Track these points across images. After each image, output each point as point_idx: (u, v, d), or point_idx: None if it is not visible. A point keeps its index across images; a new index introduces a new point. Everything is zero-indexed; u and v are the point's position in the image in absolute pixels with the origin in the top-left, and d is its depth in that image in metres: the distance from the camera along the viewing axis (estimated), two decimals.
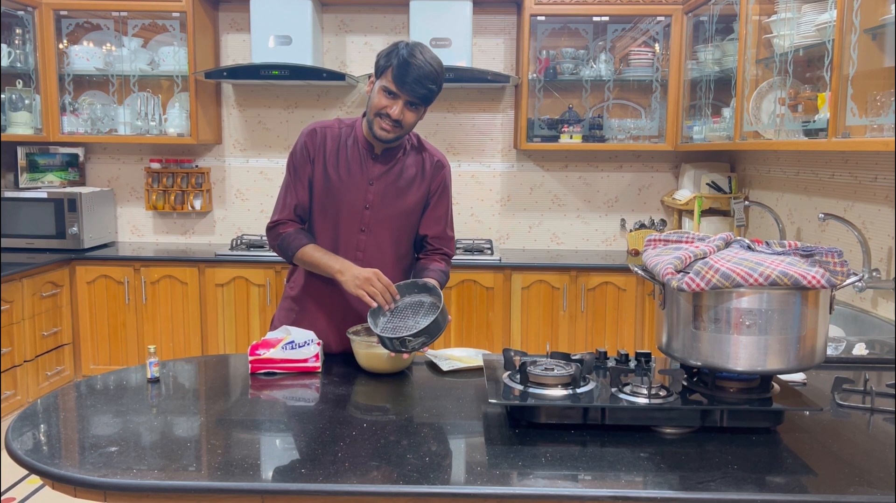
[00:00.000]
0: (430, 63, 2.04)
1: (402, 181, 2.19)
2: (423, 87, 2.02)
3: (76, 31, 4.47)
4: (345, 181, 2.16)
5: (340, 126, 2.20)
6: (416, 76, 2.01)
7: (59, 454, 1.51)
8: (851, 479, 1.38)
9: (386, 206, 2.18)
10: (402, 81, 2.01)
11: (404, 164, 2.20)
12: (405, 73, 2.00)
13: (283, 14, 4.12)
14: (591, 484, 1.36)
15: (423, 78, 2.01)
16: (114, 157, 4.68)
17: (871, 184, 2.83)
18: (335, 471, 1.40)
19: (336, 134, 2.18)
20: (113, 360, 4.19)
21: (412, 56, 2.01)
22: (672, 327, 1.64)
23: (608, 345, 4.05)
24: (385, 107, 2.05)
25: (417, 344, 1.88)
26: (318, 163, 2.16)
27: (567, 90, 4.42)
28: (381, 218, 2.18)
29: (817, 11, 2.67)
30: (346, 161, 2.16)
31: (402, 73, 2.01)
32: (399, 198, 2.19)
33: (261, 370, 2.00)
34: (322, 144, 2.17)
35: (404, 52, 2.02)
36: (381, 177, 2.17)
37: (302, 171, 2.18)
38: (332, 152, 2.17)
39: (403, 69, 2.00)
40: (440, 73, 2.06)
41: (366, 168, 2.17)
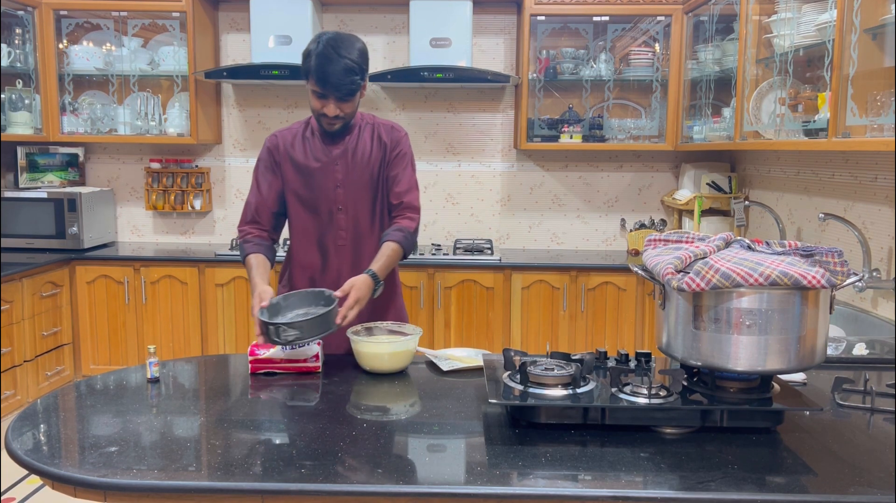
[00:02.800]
0: (347, 56, 2.11)
1: (362, 154, 2.32)
2: (346, 83, 2.12)
3: (76, 31, 4.46)
4: (313, 169, 2.30)
5: (297, 125, 2.36)
6: (337, 76, 2.10)
7: (59, 454, 1.51)
8: (851, 479, 1.38)
9: (354, 181, 2.31)
10: (325, 84, 2.12)
11: (361, 138, 2.33)
12: (325, 75, 2.10)
13: (283, 14, 4.12)
14: (591, 484, 1.36)
15: (343, 75, 2.10)
16: (114, 157, 4.68)
17: (871, 184, 2.83)
18: (335, 471, 1.40)
19: (295, 132, 2.34)
20: (113, 360, 4.19)
21: (326, 57, 2.09)
22: (672, 327, 1.64)
23: (608, 345, 4.05)
24: (320, 107, 2.18)
25: (290, 335, 1.87)
26: (286, 163, 2.31)
27: (567, 90, 4.42)
28: (352, 193, 2.31)
29: (817, 11, 2.67)
30: (309, 151, 2.31)
31: (323, 77, 2.11)
32: (363, 170, 2.31)
33: (261, 370, 2.00)
34: (284, 147, 2.32)
35: (318, 53, 2.10)
36: (343, 155, 2.31)
37: (267, 176, 2.33)
38: (295, 149, 2.32)
39: (322, 72, 2.10)
40: (360, 61, 2.15)
41: (327, 152, 2.30)
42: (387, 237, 2.26)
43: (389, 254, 2.21)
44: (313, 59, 2.11)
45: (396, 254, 2.23)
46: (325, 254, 2.35)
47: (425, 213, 4.62)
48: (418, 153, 4.58)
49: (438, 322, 4.06)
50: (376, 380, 1.98)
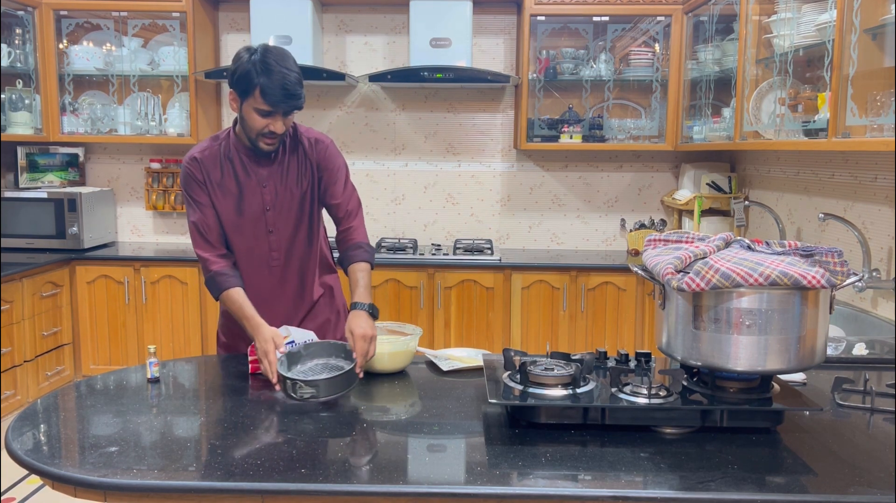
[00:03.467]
0: (291, 69, 2.00)
1: (290, 174, 2.18)
2: (296, 97, 2.01)
3: (76, 31, 4.46)
4: (238, 191, 2.15)
5: (216, 143, 2.18)
6: (286, 91, 1.98)
7: (59, 454, 1.51)
8: (851, 479, 1.38)
9: (283, 202, 2.18)
10: (275, 101, 1.98)
11: (287, 156, 2.18)
12: (274, 92, 1.97)
13: (283, 14, 4.12)
14: (591, 484, 1.36)
15: (291, 89, 1.99)
16: (114, 157, 4.68)
17: (871, 184, 2.83)
18: (335, 471, 1.40)
19: (216, 152, 2.16)
20: (113, 360, 4.19)
21: (272, 71, 1.96)
22: (672, 327, 1.64)
23: (608, 345, 4.05)
24: (265, 125, 2.03)
25: (306, 393, 1.74)
26: (211, 185, 2.15)
27: (567, 90, 4.42)
28: (282, 215, 2.19)
29: (817, 11, 2.67)
30: (232, 173, 2.15)
31: (272, 93, 1.97)
32: (293, 190, 2.19)
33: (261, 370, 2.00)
34: (206, 167, 2.15)
35: (262, 69, 1.96)
36: (270, 177, 2.17)
37: (202, 196, 2.16)
38: (217, 170, 2.15)
39: (271, 89, 1.96)
40: (300, 73, 2.03)
41: (253, 173, 2.16)
42: (352, 259, 2.19)
43: (365, 277, 2.15)
44: (261, 76, 1.96)
45: (368, 271, 2.18)
46: (259, 273, 2.23)
47: (425, 213, 4.63)
48: (418, 153, 4.59)
49: (438, 322, 4.06)
50: (376, 381, 1.98)
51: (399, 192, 4.63)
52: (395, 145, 4.59)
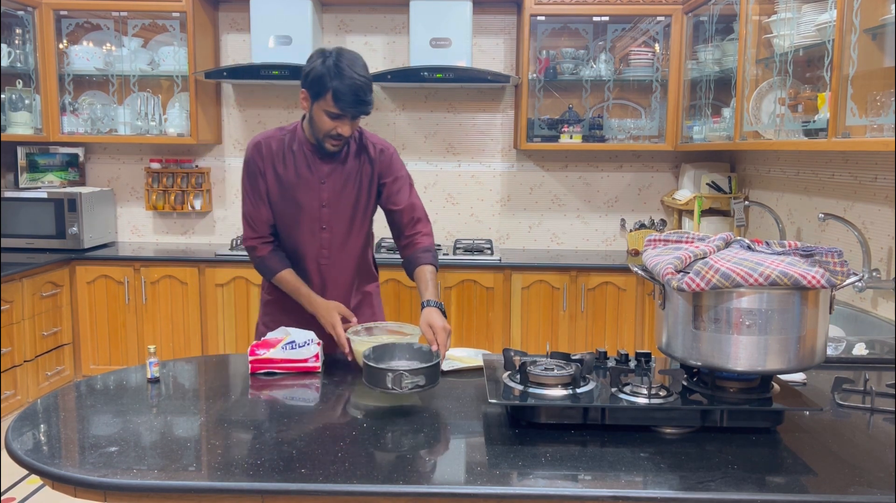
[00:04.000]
0: (362, 75, 2.06)
1: (350, 175, 2.25)
2: (365, 103, 2.07)
3: (76, 31, 4.46)
4: (297, 184, 2.22)
5: (283, 133, 2.25)
6: (356, 96, 2.04)
7: (59, 454, 1.51)
8: (851, 479, 1.38)
9: (340, 202, 2.25)
10: (345, 105, 2.05)
11: (350, 158, 2.25)
12: (345, 97, 2.03)
13: (283, 14, 4.12)
14: (591, 484, 1.36)
15: (362, 94, 2.05)
16: (114, 157, 4.68)
17: (871, 184, 2.83)
18: (335, 471, 1.40)
19: (280, 141, 2.23)
20: (113, 360, 4.19)
21: (345, 77, 2.02)
22: (672, 327, 1.64)
23: (608, 345, 4.05)
24: (333, 128, 2.10)
25: (410, 383, 1.73)
26: (269, 172, 2.22)
27: (567, 90, 4.42)
28: (338, 214, 2.25)
29: (817, 11, 2.67)
30: (293, 165, 2.22)
31: (343, 98, 2.03)
32: (351, 191, 2.25)
33: (261, 370, 2.00)
34: (269, 154, 2.21)
35: (335, 73, 2.02)
36: (331, 174, 2.23)
37: (257, 184, 2.23)
38: (279, 160, 2.22)
39: (343, 94, 2.03)
40: (370, 78, 2.10)
41: (315, 169, 2.22)
42: (420, 261, 2.24)
43: (434, 279, 2.20)
44: (334, 80, 2.02)
45: (435, 274, 2.24)
46: (307, 271, 2.29)
47: None
48: (418, 153, 4.59)
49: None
50: None
51: None
52: (395, 145, 4.56)
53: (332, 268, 2.30)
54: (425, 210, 2.35)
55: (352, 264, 2.33)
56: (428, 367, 1.77)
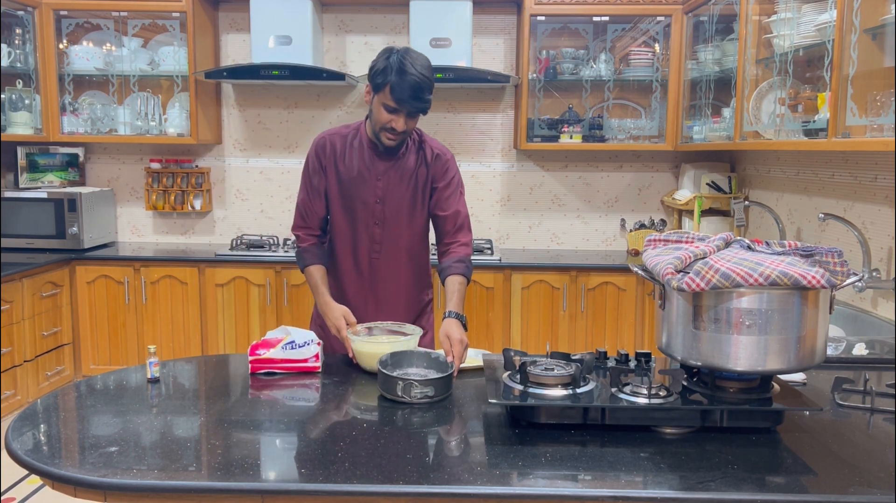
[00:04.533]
0: (423, 73, 2.12)
1: (406, 174, 2.32)
2: (422, 100, 2.14)
3: (76, 31, 4.46)
4: (356, 179, 2.29)
5: (346, 131, 2.34)
6: (414, 93, 2.11)
7: (59, 454, 1.51)
8: (851, 479, 1.38)
9: (396, 199, 2.31)
10: (401, 100, 2.12)
11: (407, 158, 2.33)
12: (402, 91, 2.10)
13: (283, 14, 4.12)
14: (591, 484, 1.36)
15: (419, 92, 2.12)
16: (114, 157, 4.68)
17: (871, 184, 2.83)
18: (335, 471, 1.40)
19: (343, 138, 2.32)
20: (113, 360, 4.19)
21: (405, 73, 2.09)
22: (672, 327, 1.64)
23: (608, 345, 4.04)
24: (389, 121, 2.17)
25: (419, 393, 1.77)
26: (331, 168, 2.31)
27: (567, 90, 4.42)
28: (393, 210, 2.32)
29: (817, 11, 2.67)
30: (353, 161, 2.30)
31: (400, 92, 2.10)
32: (406, 190, 2.32)
33: (261, 370, 2.00)
34: (332, 151, 2.31)
35: (397, 69, 2.10)
36: (387, 171, 2.30)
37: (316, 180, 2.33)
38: (341, 156, 2.31)
39: (400, 88, 2.10)
40: (432, 79, 2.16)
41: (372, 165, 2.30)
42: (451, 271, 2.28)
43: (461, 290, 2.24)
44: (394, 75, 2.09)
45: (465, 285, 2.28)
46: (359, 264, 2.36)
47: None
48: None
49: (438, 322, 4.05)
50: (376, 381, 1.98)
51: None
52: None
53: (383, 265, 2.35)
54: (469, 220, 2.40)
55: (403, 262, 2.37)
56: (439, 379, 1.80)
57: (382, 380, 1.82)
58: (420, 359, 1.98)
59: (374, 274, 2.36)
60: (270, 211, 4.66)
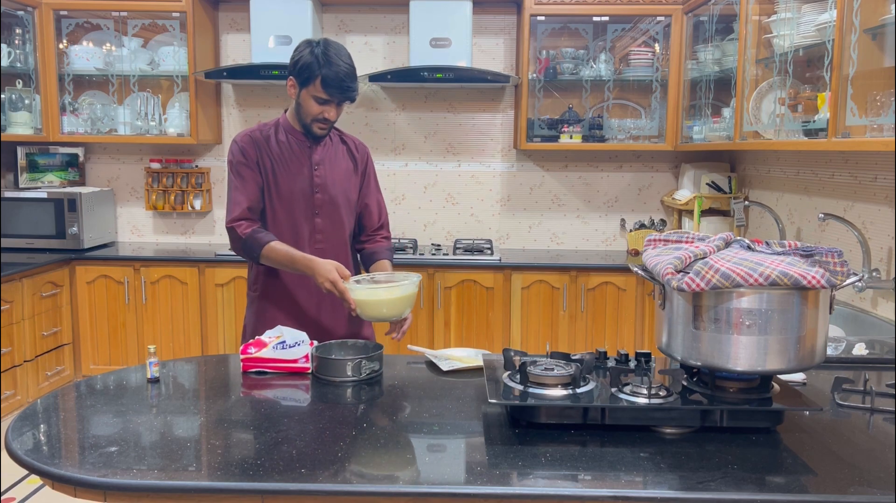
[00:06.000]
0: (349, 63, 2.21)
1: (339, 163, 2.40)
2: (351, 89, 2.21)
3: (76, 31, 4.47)
4: (291, 171, 2.32)
5: (265, 128, 2.36)
6: (343, 82, 2.18)
7: (59, 454, 1.51)
8: (851, 479, 1.38)
9: (332, 187, 2.36)
10: (332, 90, 2.18)
11: (335, 147, 2.41)
12: (333, 81, 2.17)
13: (283, 14, 4.12)
14: (591, 484, 1.36)
15: (348, 81, 2.19)
16: (114, 157, 4.68)
17: (871, 184, 2.83)
18: (335, 471, 1.40)
19: (266, 134, 2.34)
20: (113, 360, 4.19)
21: (333, 64, 2.16)
22: (672, 327, 1.64)
23: (608, 345, 4.04)
24: (320, 112, 2.24)
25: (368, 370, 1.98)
26: (263, 162, 2.31)
27: (567, 90, 4.42)
28: (330, 199, 2.37)
29: (817, 11, 2.67)
30: (286, 154, 2.33)
31: (331, 83, 2.17)
32: (340, 178, 2.39)
33: (251, 369, 2.00)
34: (261, 147, 2.31)
35: (324, 61, 2.16)
36: (322, 160, 2.36)
37: (246, 174, 2.30)
38: (266, 151, 2.33)
39: (330, 79, 2.17)
40: (355, 66, 2.23)
41: (306, 156, 2.34)
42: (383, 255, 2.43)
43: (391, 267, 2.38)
44: (322, 67, 2.15)
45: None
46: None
47: (425, 213, 4.63)
48: (418, 153, 4.59)
49: (438, 322, 4.06)
50: (375, 381, 1.98)
51: (399, 192, 4.63)
52: (395, 145, 4.59)
53: (327, 254, 2.32)
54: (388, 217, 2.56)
55: (345, 251, 2.41)
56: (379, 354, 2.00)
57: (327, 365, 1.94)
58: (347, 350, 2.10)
59: None
60: None
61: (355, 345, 2.12)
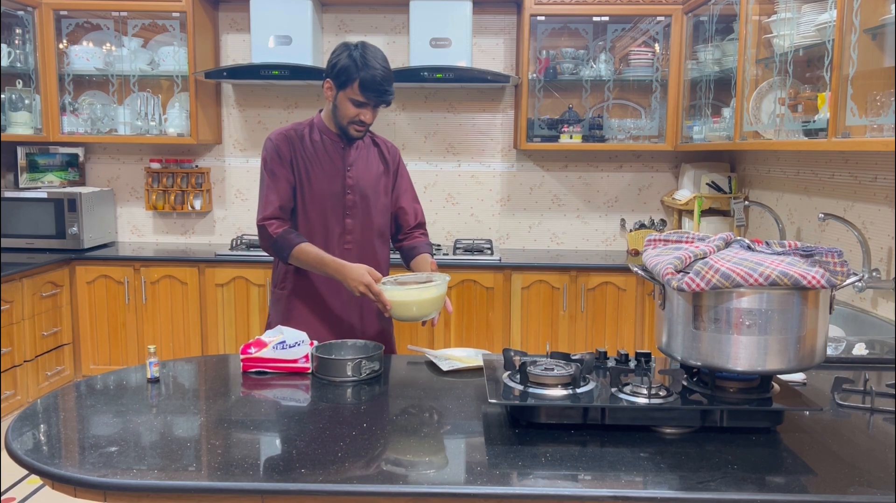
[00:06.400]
0: (386, 66, 2.23)
1: (372, 165, 2.42)
2: (388, 92, 2.23)
3: (76, 31, 4.46)
4: (324, 171, 2.33)
5: (300, 127, 2.37)
6: (381, 86, 2.20)
7: (59, 454, 1.51)
8: (851, 479, 1.38)
9: (364, 188, 2.39)
10: (370, 93, 2.20)
11: (368, 148, 2.44)
12: (370, 85, 2.20)
13: (283, 14, 4.12)
14: (591, 484, 1.36)
15: (386, 85, 2.21)
16: (114, 157, 4.68)
17: (871, 184, 2.83)
18: (335, 471, 1.40)
19: (300, 134, 2.35)
20: (113, 360, 4.19)
21: (370, 66, 2.18)
22: (672, 327, 1.64)
23: (608, 345, 4.04)
24: (357, 115, 2.26)
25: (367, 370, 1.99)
26: (297, 161, 2.32)
27: (567, 90, 4.42)
28: (361, 200, 2.37)
29: (817, 11, 2.67)
30: (319, 154, 2.33)
31: (368, 86, 2.20)
32: (372, 179, 2.41)
33: (252, 369, 2.01)
34: (294, 146, 2.33)
35: (361, 63, 2.18)
36: (355, 162, 2.38)
37: (280, 172, 2.31)
38: (300, 149, 2.33)
39: (368, 83, 2.19)
40: (391, 70, 2.25)
41: (339, 156, 2.37)
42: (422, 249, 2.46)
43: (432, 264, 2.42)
44: (360, 70, 2.18)
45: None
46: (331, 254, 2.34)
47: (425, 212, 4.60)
48: (418, 153, 4.59)
49: (438, 322, 4.05)
50: (375, 381, 1.98)
51: None
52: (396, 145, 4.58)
53: (354, 256, 2.36)
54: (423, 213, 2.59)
55: (374, 252, 2.43)
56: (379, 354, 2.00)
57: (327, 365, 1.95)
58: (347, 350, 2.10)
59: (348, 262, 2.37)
60: None
61: (355, 345, 2.12)
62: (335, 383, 1.93)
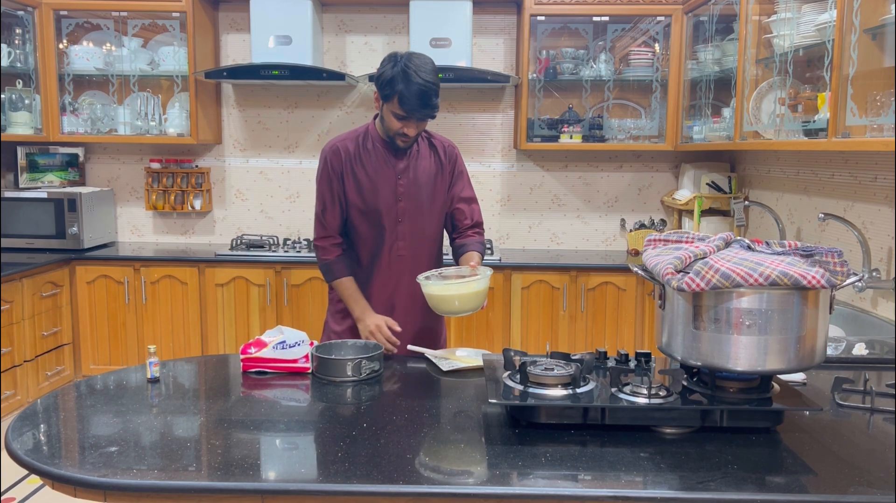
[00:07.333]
0: (429, 80, 2.16)
1: (423, 170, 2.39)
2: (430, 107, 2.19)
3: (76, 31, 4.46)
4: (375, 181, 2.33)
5: (356, 135, 2.36)
6: (422, 101, 2.16)
7: (59, 454, 1.51)
8: (851, 479, 1.38)
9: (416, 195, 2.37)
10: (411, 109, 2.17)
11: (420, 152, 2.40)
12: (411, 101, 2.16)
13: (283, 14, 4.12)
14: (591, 484, 1.36)
15: (427, 99, 2.17)
16: (114, 157, 4.68)
17: (871, 184, 2.83)
18: (335, 471, 1.40)
19: (355, 143, 2.35)
20: (113, 360, 4.19)
21: (411, 82, 2.13)
22: (672, 327, 1.64)
23: (608, 345, 4.04)
24: (400, 128, 2.24)
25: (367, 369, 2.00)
26: (348, 174, 2.33)
27: (567, 90, 4.42)
28: (414, 206, 2.37)
29: (817, 11, 2.67)
30: (371, 163, 2.33)
31: (409, 102, 2.16)
32: (425, 185, 2.39)
33: (252, 369, 2.01)
34: (346, 156, 2.33)
35: (403, 78, 2.14)
36: (406, 170, 2.36)
37: (333, 188, 2.34)
38: (356, 159, 2.33)
39: (409, 98, 2.15)
40: (438, 82, 2.20)
41: (391, 165, 2.35)
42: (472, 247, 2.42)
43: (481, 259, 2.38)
44: (401, 85, 2.14)
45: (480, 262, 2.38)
46: (380, 261, 2.39)
47: None
48: None
49: None
50: (375, 381, 1.98)
51: None
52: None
53: (406, 261, 2.39)
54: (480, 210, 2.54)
55: (428, 256, 2.44)
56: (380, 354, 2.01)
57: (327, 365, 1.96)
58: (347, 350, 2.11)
59: (398, 268, 2.40)
60: (270, 211, 4.66)
61: (355, 345, 2.13)
62: (335, 383, 1.93)
